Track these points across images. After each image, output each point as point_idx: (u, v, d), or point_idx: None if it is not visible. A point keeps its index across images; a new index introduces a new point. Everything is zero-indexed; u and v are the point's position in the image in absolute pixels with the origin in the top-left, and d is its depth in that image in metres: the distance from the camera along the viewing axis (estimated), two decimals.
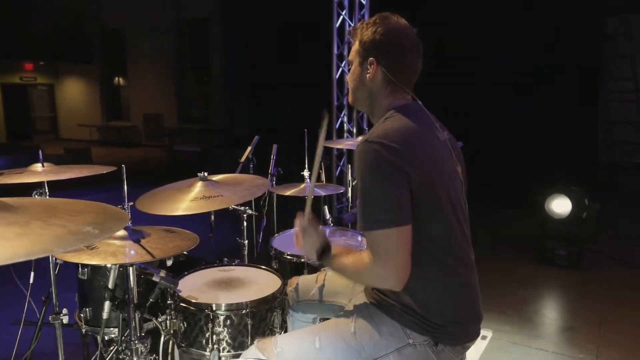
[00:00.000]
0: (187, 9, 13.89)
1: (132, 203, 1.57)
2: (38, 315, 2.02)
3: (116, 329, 1.95)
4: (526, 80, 6.26)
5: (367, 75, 1.49)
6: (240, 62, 9.69)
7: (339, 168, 5.94)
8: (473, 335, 1.50)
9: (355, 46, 1.52)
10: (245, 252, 2.79)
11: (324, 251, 1.48)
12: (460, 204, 1.46)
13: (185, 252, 2.14)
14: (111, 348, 2.19)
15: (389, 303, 1.46)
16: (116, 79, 16.62)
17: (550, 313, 3.65)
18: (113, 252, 1.51)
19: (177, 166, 10.88)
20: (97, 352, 2.22)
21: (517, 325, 3.31)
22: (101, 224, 0.92)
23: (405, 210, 1.31)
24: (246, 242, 2.78)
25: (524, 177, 5.78)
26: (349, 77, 1.58)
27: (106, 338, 2.20)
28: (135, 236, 1.61)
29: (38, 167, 1.91)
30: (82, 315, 1.96)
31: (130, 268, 1.53)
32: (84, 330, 1.94)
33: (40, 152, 1.87)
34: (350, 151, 5.73)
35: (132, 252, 1.53)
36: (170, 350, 2.01)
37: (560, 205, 4.33)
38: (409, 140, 1.36)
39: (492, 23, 6.26)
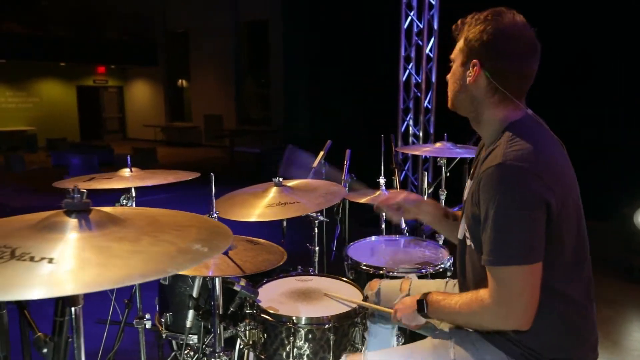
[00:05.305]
0: (246, 11, 14.15)
1: (218, 212, 1.52)
2: (121, 317, 2.04)
3: (194, 336, 1.93)
4: (605, 86, 5.82)
5: (468, 78, 1.35)
6: (300, 63, 9.71)
7: (404, 173, 5.79)
8: None
9: (460, 44, 1.38)
10: (316, 259, 2.73)
11: (422, 307, 1.40)
12: (584, 228, 1.32)
13: None
14: (186, 352, 2.20)
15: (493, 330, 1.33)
16: (180, 81, 17.21)
17: None
18: (205, 263, 1.48)
19: (236, 167, 11.07)
20: (172, 355, 2.23)
21: (605, 348, 3.04)
22: (209, 241, 0.87)
23: (540, 246, 1.18)
24: (317, 249, 2.72)
25: (608, 188, 5.35)
26: (449, 78, 1.44)
27: (180, 342, 2.21)
28: None
29: (126, 172, 1.94)
30: (162, 320, 1.96)
31: (217, 279, 1.49)
32: (164, 335, 1.94)
33: (129, 157, 1.90)
34: (418, 157, 5.57)
35: (222, 264, 1.49)
36: (246, 358, 1.98)
37: None
38: (548, 164, 1.22)
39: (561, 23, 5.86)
